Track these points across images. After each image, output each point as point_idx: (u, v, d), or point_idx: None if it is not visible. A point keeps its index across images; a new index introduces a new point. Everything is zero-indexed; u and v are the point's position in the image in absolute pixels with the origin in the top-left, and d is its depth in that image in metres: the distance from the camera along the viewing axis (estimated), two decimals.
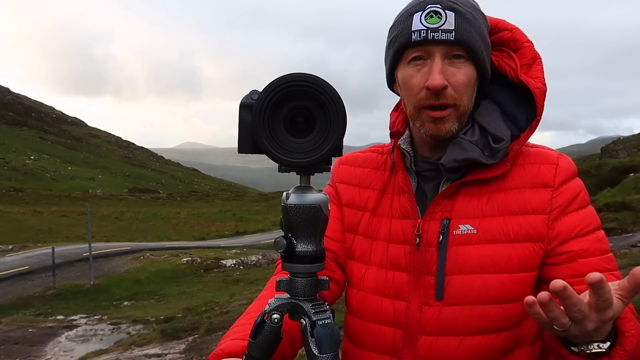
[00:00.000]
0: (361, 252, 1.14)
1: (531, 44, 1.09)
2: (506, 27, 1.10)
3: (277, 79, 0.79)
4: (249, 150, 0.83)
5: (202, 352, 7.42)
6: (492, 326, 1.01)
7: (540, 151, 1.09)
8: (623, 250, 9.25)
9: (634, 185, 15.77)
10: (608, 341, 0.82)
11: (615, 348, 0.82)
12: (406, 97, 1.06)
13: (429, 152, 1.11)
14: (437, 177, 1.09)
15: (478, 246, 1.02)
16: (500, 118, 1.07)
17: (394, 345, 1.07)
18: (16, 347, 10.10)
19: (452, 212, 1.05)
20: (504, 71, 1.08)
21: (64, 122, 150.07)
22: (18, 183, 66.96)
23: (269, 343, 0.86)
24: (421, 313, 1.04)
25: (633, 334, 0.82)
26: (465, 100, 1.02)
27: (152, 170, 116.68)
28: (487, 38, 1.06)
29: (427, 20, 0.99)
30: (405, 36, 1.01)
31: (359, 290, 1.13)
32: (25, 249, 23.89)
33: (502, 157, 1.04)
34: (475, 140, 1.04)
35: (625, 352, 0.81)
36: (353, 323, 1.14)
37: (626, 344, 0.81)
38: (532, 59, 1.08)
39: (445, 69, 1.00)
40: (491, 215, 1.04)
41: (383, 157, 1.20)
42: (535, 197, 1.03)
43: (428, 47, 1.00)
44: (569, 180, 1.05)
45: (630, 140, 38.72)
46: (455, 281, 1.03)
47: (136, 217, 43.69)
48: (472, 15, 1.01)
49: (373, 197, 1.16)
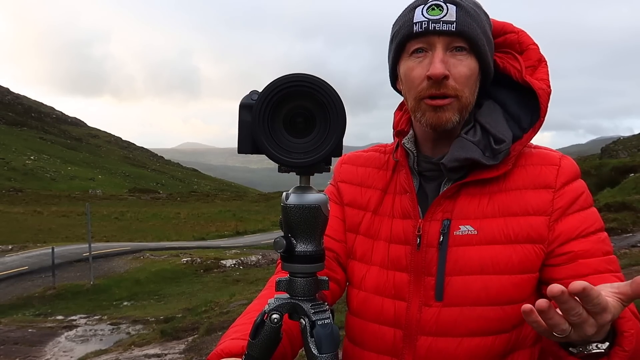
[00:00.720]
0: (362, 252, 1.14)
1: (537, 47, 1.09)
2: (512, 30, 1.10)
3: (276, 79, 0.78)
4: (249, 150, 0.83)
5: (202, 352, 7.41)
6: (491, 328, 1.01)
7: (543, 152, 1.09)
8: (623, 250, 9.25)
9: (634, 185, 15.76)
10: (607, 341, 0.81)
11: (614, 348, 0.81)
12: (407, 90, 1.06)
13: (431, 151, 1.11)
14: (439, 177, 1.09)
15: (478, 247, 1.02)
16: (503, 119, 1.07)
17: (394, 346, 1.07)
18: (16, 347, 10.10)
19: (453, 212, 1.05)
20: (509, 72, 1.08)
21: (64, 122, 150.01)
22: (18, 183, 66.95)
23: (268, 343, 0.86)
24: (421, 313, 1.04)
25: (632, 334, 0.81)
26: (467, 93, 1.02)
27: (152, 171, 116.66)
28: (489, 34, 1.06)
29: (429, 12, 1.00)
30: (407, 28, 1.02)
31: (360, 290, 1.13)
32: (25, 249, 23.87)
33: (503, 157, 1.03)
34: (476, 141, 1.04)
35: (624, 352, 0.81)
36: (354, 323, 1.14)
37: (625, 343, 0.81)
38: (537, 61, 1.08)
39: (447, 59, 1.00)
40: (492, 216, 1.04)
41: (385, 157, 1.20)
42: (536, 198, 1.03)
43: (429, 37, 1.00)
44: (571, 181, 1.05)
45: (631, 140, 38.70)
46: (455, 282, 1.02)
47: (136, 217, 43.66)
48: (473, 10, 1.02)
49: (375, 196, 1.16)
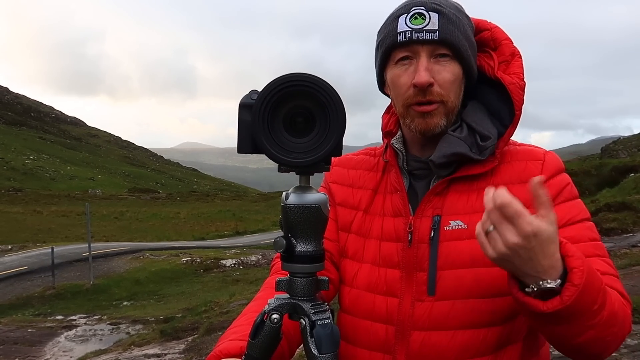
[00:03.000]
0: (354, 250, 1.16)
1: (509, 41, 1.11)
2: (486, 27, 1.13)
3: (276, 78, 0.79)
4: (249, 150, 0.83)
5: (202, 352, 7.41)
6: (483, 320, 1.03)
7: (527, 149, 1.12)
8: (623, 251, 9.25)
9: (634, 185, 15.78)
10: (559, 279, 0.84)
11: (565, 285, 0.83)
12: (395, 97, 1.10)
13: (419, 151, 1.14)
14: (428, 175, 1.12)
15: (469, 241, 1.04)
16: (487, 117, 1.10)
17: (386, 342, 1.08)
18: (15, 347, 10.10)
19: (442, 208, 1.08)
20: (484, 70, 1.11)
21: (63, 121, 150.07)
22: (17, 183, 66.96)
23: (268, 343, 0.86)
24: (414, 309, 1.06)
25: (581, 270, 0.83)
26: (452, 97, 1.05)
27: (151, 170, 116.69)
28: (472, 38, 1.09)
29: (412, 21, 1.03)
30: (391, 38, 1.05)
31: (352, 288, 1.14)
32: (24, 249, 23.89)
33: (489, 154, 1.07)
34: (463, 137, 1.07)
35: (574, 287, 0.82)
36: (346, 320, 1.16)
37: (574, 279, 0.83)
38: (510, 56, 1.11)
39: (431, 67, 1.03)
40: (481, 211, 1.04)
41: (375, 159, 1.23)
42: (523, 192, 1.03)
43: (413, 47, 1.04)
44: (555, 175, 1.08)
45: (631, 140, 38.74)
46: (447, 276, 1.04)
47: (136, 217, 43.68)
48: (455, 16, 1.05)
49: (366, 196, 1.19)
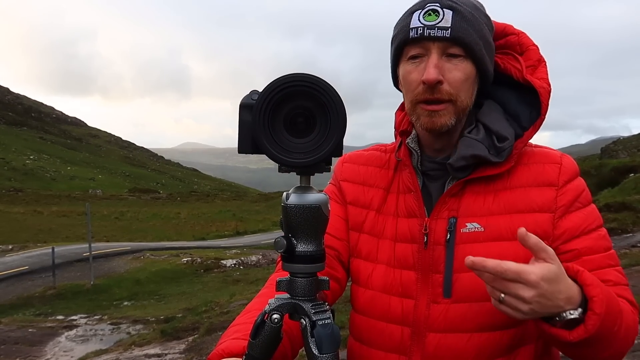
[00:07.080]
0: (367, 250, 1.15)
1: (536, 48, 1.11)
2: (513, 32, 1.12)
3: (277, 79, 0.78)
4: (249, 150, 0.83)
5: (202, 352, 7.42)
6: (499, 323, 1.03)
7: (544, 151, 1.12)
8: (623, 251, 9.26)
9: (634, 185, 15.77)
10: (580, 308, 0.88)
11: (587, 313, 0.87)
12: (405, 93, 1.09)
13: (432, 151, 1.12)
14: (443, 176, 1.11)
15: (485, 244, 1.04)
16: (503, 117, 1.10)
17: (402, 343, 1.08)
18: (16, 347, 10.10)
19: (458, 210, 1.07)
20: (509, 72, 1.10)
21: (64, 122, 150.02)
22: (18, 183, 66.95)
23: (269, 343, 0.86)
24: (429, 310, 1.06)
25: (601, 298, 0.88)
26: (462, 96, 1.04)
27: (152, 170, 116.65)
28: (488, 37, 1.07)
29: (425, 18, 1.02)
30: (404, 33, 1.04)
31: (367, 289, 1.13)
32: (25, 249, 23.88)
33: (507, 155, 1.06)
34: (480, 139, 1.06)
35: (596, 315, 0.87)
36: (360, 321, 1.15)
37: (595, 307, 0.87)
38: (537, 62, 1.10)
39: (442, 65, 1.02)
40: (498, 213, 1.06)
41: (387, 156, 1.21)
42: (540, 195, 1.06)
43: (425, 43, 1.02)
44: (572, 179, 1.08)
45: (631, 140, 38.72)
46: (463, 278, 1.04)
47: (136, 217, 43.66)
48: (471, 14, 1.03)
49: (378, 195, 1.17)
